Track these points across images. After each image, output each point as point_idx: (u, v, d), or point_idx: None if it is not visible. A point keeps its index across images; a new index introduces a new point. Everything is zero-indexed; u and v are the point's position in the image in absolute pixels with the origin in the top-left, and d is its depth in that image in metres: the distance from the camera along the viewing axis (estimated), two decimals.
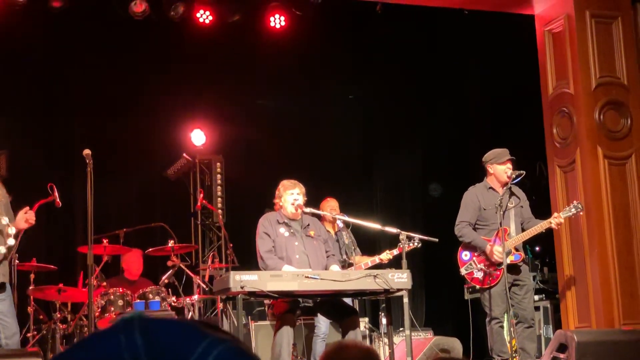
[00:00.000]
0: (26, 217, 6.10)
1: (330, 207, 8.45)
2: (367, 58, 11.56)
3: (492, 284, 7.27)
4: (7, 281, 6.18)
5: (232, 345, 0.71)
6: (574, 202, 7.56)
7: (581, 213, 7.59)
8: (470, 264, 7.40)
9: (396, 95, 11.69)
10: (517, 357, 7.07)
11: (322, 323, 8.02)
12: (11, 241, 6.07)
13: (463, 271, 7.44)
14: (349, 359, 2.94)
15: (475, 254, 7.39)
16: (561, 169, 8.59)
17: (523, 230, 7.40)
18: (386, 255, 7.94)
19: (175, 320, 0.81)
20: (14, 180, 8.32)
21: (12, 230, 6.06)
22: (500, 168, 7.41)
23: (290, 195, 6.97)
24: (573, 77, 8.47)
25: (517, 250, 7.33)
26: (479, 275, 7.36)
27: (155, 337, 0.69)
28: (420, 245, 7.60)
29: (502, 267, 7.06)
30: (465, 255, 7.46)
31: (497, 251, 7.18)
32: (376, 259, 7.95)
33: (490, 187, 7.49)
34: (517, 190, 7.53)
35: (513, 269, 7.27)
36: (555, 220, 7.32)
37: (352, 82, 11.66)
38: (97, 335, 0.72)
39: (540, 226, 7.33)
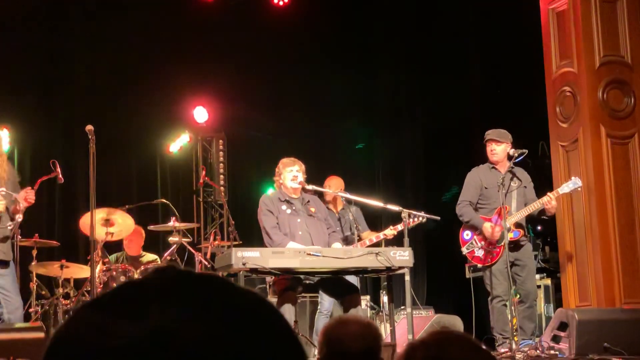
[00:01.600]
0: (26, 196, 6.11)
1: (333, 185, 8.44)
2: (368, 35, 11.52)
3: (492, 262, 7.28)
4: (10, 258, 6.21)
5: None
6: (572, 177, 7.58)
7: (579, 189, 7.61)
8: (471, 243, 7.41)
9: (398, 73, 11.66)
10: (517, 336, 7.09)
11: (326, 300, 8.04)
12: (19, 217, 6.10)
13: (464, 250, 7.47)
14: (349, 333, 2.96)
15: (476, 233, 7.41)
16: (564, 148, 8.57)
17: None
18: (390, 231, 7.94)
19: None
20: (17, 157, 8.35)
21: (19, 206, 6.08)
22: (487, 149, 7.50)
23: (290, 172, 6.98)
24: (577, 55, 8.43)
25: (517, 227, 7.34)
26: (479, 253, 7.38)
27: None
28: (425, 220, 7.58)
29: (502, 244, 7.07)
30: (466, 234, 7.48)
31: (491, 229, 7.21)
32: (380, 235, 7.95)
33: (493, 167, 7.50)
34: (520, 172, 7.54)
35: (513, 246, 7.29)
36: (550, 194, 7.38)
37: (354, 59, 11.63)
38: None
39: (537, 203, 7.37)
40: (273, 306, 0.86)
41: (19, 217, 6.12)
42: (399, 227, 7.76)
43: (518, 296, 7.24)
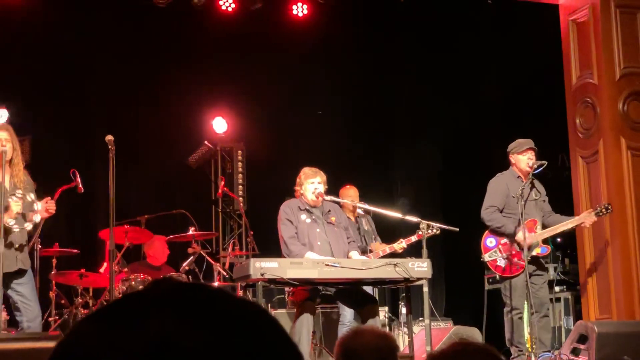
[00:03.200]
0: (47, 206, 6.15)
1: (349, 195, 8.44)
2: (388, 47, 11.52)
3: (514, 274, 7.22)
4: (28, 267, 6.24)
5: None
6: (604, 203, 7.53)
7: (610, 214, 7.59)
8: (495, 252, 7.32)
9: (418, 85, 11.65)
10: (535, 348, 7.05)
11: (348, 311, 8.00)
12: (37, 217, 6.14)
13: (486, 257, 7.34)
14: (366, 344, 2.96)
15: (502, 242, 7.32)
16: (584, 160, 8.53)
17: (543, 224, 7.36)
18: (399, 245, 7.87)
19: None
20: (37, 167, 8.36)
21: (37, 207, 6.12)
22: (520, 158, 7.37)
23: (311, 184, 6.97)
24: (597, 67, 8.40)
25: (544, 243, 7.30)
26: (502, 263, 7.29)
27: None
28: (439, 232, 7.55)
29: (526, 257, 7.02)
30: (490, 241, 7.37)
31: (525, 237, 7.10)
32: (394, 246, 7.91)
33: (519, 176, 7.44)
34: (538, 184, 7.49)
35: (537, 261, 7.25)
36: (588, 219, 7.34)
37: (374, 70, 11.63)
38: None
39: (570, 222, 7.32)
40: (272, 316, 0.87)
41: (34, 221, 6.15)
42: (413, 238, 7.72)
43: (532, 308, 7.19)
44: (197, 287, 0.86)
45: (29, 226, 6.19)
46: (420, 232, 6.77)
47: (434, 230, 7.50)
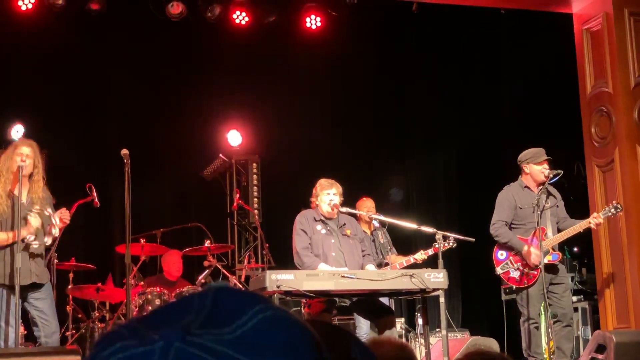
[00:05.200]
0: (61, 216, 6.17)
1: (366, 207, 8.44)
2: (402, 58, 11.53)
3: (529, 284, 7.20)
4: (45, 281, 6.26)
5: (280, 313, 0.81)
6: (613, 202, 7.47)
7: (620, 213, 7.51)
8: (507, 264, 7.33)
9: (432, 95, 11.65)
10: (554, 357, 7.01)
11: (363, 323, 8.00)
12: (55, 231, 6.16)
13: (499, 270, 7.36)
14: (384, 355, 2.95)
15: (512, 254, 7.32)
16: (600, 169, 8.50)
17: (558, 230, 7.33)
18: (421, 256, 7.91)
19: (243, 290, 0.93)
20: (53, 181, 8.40)
21: (55, 220, 6.14)
22: (537, 168, 7.34)
23: (327, 195, 6.98)
24: (612, 75, 8.39)
25: (554, 250, 7.26)
26: (515, 274, 7.28)
27: (221, 300, 0.79)
28: (455, 245, 7.56)
29: (540, 266, 7.00)
30: (501, 254, 7.39)
31: (534, 253, 7.10)
32: (411, 259, 7.92)
33: (526, 186, 7.43)
34: (552, 189, 7.45)
35: (551, 268, 7.21)
36: (595, 220, 7.25)
37: (388, 82, 11.64)
38: (180, 299, 0.83)
39: (579, 226, 7.26)
40: (305, 324, 0.88)
41: (53, 235, 6.18)
42: (430, 251, 7.74)
43: (554, 317, 7.15)
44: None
45: (48, 241, 6.22)
46: (437, 245, 6.76)
47: (451, 244, 7.51)
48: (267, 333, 0.76)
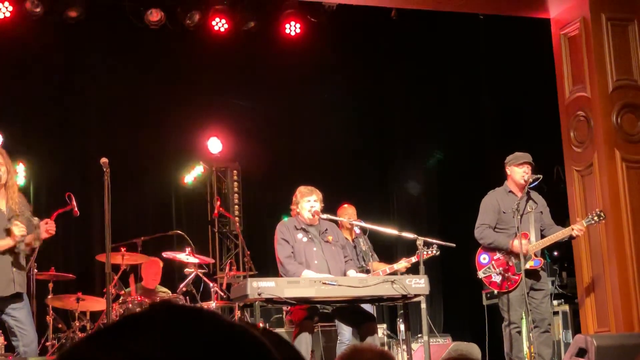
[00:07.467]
0: (47, 227, 6.13)
1: (347, 213, 8.43)
2: (382, 64, 11.55)
3: (510, 289, 7.22)
4: (24, 290, 6.21)
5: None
6: (597, 210, 7.49)
7: (603, 222, 7.55)
8: (489, 268, 7.35)
9: (412, 100, 11.67)
10: None
11: (346, 330, 7.99)
12: (36, 243, 6.12)
13: (481, 274, 7.38)
14: None
15: (495, 258, 7.33)
16: (579, 173, 8.55)
17: (542, 236, 7.36)
18: (403, 264, 7.90)
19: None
20: (32, 190, 8.38)
21: (38, 232, 6.10)
22: (516, 170, 7.39)
23: (307, 202, 6.97)
24: (590, 80, 8.43)
25: (536, 256, 7.29)
26: (497, 279, 7.31)
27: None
28: (438, 253, 7.58)
29: (521, 272, 7.02)
30: (483, 258, 7.40)
31: (522, 244, 7.03)
32: (394, 267, 7.92)
33: (510, 191, 7.46)
34: (536, 195, 7.48)
35: (533, 274, 7.23)
36: (577, 227, 7.29)
37: (368, 89, 11.65)
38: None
39: (561, 233, 7.29)
40: (259, 339, 0.89)
41: (33, 245, 6.15)
42: (413, 259, 7.73)
43: (533, 323, 7.16)
44: (188, 310, 0.88)
45: (26, 250, 6.18)
46: (418, 253, 6.77)
47: (434, 252, 7.52)
48: None
